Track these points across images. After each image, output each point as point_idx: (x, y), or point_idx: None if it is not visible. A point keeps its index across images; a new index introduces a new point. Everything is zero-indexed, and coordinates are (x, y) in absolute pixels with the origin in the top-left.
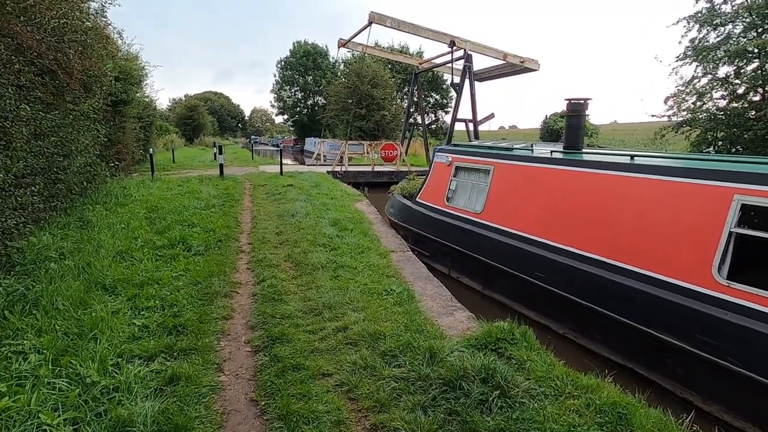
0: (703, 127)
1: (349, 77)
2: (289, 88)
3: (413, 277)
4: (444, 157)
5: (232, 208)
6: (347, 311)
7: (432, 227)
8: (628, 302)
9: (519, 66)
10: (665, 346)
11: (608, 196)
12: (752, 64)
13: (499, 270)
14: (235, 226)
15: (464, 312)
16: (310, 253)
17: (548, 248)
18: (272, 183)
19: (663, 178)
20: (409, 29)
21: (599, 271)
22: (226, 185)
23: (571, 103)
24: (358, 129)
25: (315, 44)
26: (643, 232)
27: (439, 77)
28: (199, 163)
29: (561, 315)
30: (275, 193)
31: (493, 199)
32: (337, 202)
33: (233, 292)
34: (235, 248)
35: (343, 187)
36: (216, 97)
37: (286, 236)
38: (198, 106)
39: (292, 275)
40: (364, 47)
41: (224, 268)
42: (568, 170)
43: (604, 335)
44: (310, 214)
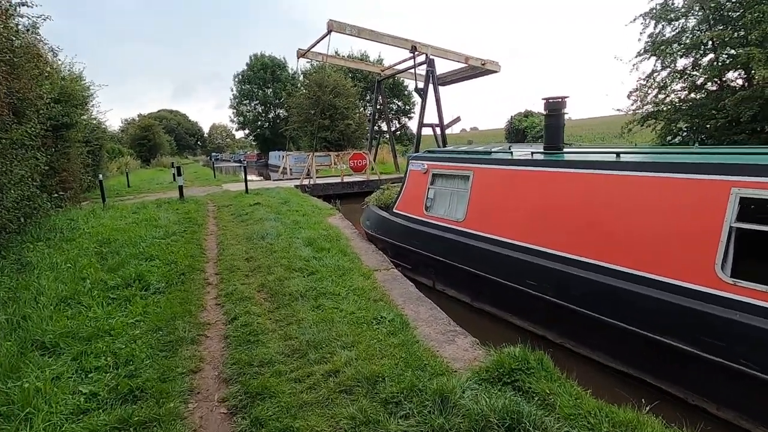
0: (666, 119)
1: (310, 88)
2: (248, 102)
3: (403, 299)
4: (419, 165)
5: (196, 234)
6: (336, 349)
7: (412, 238)
8: (628, 307)
9: (480, 68)
10: (671, 351)
11: (598, 196)
12: (708, 55)
13: (487, 280)
14: (200, 255)
15: (466, 337)
16: (287, 280)
17: (538, 254)
18: (238, 202)
19: (655, 174)
20: (369, 36)
21: (595, 275)
22: (187, 209)
23: (548, 102)
24: (323, 140)
25: (273, 56)
26: (639, 232)
27: (400, 84)
28: (156, 186)
29: (557, 324)
30: (242, 214)
31: (475, 206)
32: (310, 219)
33: (201, 336)
34: (201, 281)
35: (314, 202)
36: (172, 115)
37: (258, 262)
38: (153, 126)
39: (268, 308)
40: (324, 57)
41: (189, 307)
42: (554, 171)
43: (604, 343)
44: (282, 234)
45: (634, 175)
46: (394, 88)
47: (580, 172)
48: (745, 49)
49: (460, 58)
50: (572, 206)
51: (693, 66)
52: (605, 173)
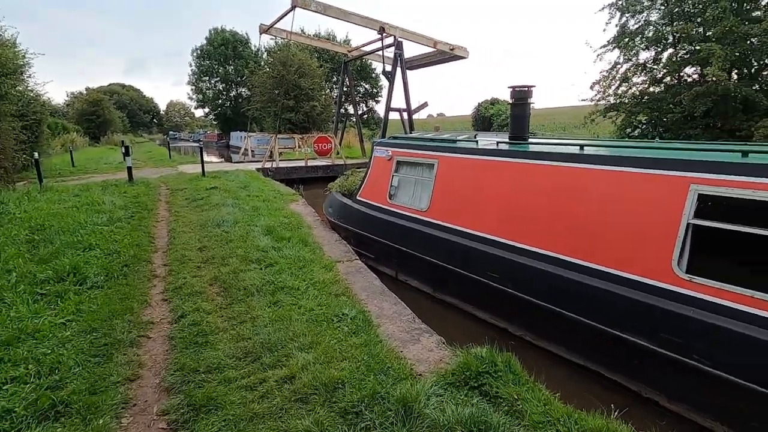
0: (627, 111)
1: (274, 66)
2: (208, 79)
3: (366, 294)
4: (384, 152)
5: (144, 220)
6: (293, 351)
7: (375, 227)
8: (586, 301)
9: (449, 53)
10: (626, 345)
11: (560, 189)
12: (668, 50)
13: (449, 271)
14: (148, 244)
15: (431, 336)
16: (242, 272)
17: (500, 246)
18: (193, 186)
19: (615, 168)
20: (336, 14)
21: (555, 268)
22: (136, 192)
23: (515, 91)
24: (287, 121)
25: (234, 32)
26: (599, 226)
27: (368, 66)
28: (105, 166)
29: (517, 316)
30: (197, 198)
31: (439, 196)
32: (270, 205)
33: (143, 337)
34: (147, 273)
35: (276, 186)
36: (124, 90)
37: (212, 252)
38: (102, 101)
39: (221, 304)
40: (288, 34)
41: (131, 304)
42: (516, 162)
43: (563, 336)
44: (239, 221)
45: (597, 168)
46: (362, 71)
47: (544, 164)
48: (706, 45)
49: (428, 42)
50: (534, 199)
51: (654, 60)
52: (568, 166)
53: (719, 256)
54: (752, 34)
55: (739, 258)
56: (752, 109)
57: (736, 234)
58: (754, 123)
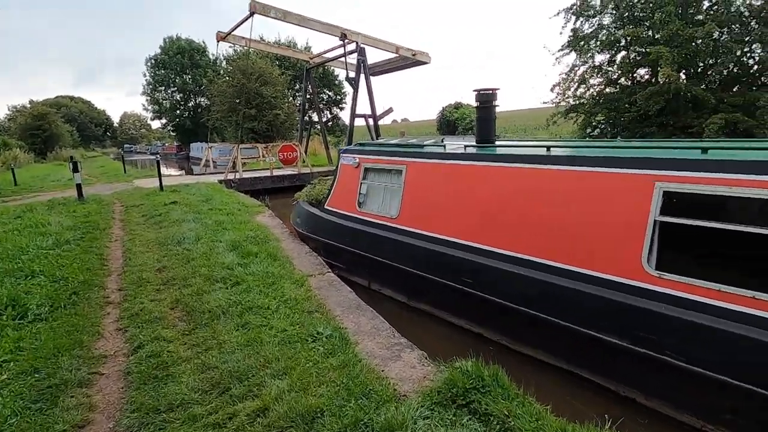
0: (586, 112)
1: (234, 75)
2: (164, 89)
3: (341, 309)
4: (350, 159)
5: (96, 241)
6: (265, 379)
7: (345, 236)
8: (560, 302)
9: (411, 59)
10: (603, 345)
11: (527, 191)
12: (621, 52)
13: (422, 278)
14: (100, 267)
15: (413, 351)
16: (206, 293)
17: (471, 250)
18: (150, 201)
19: (583, 168)
20: (296, 20)
21: (528, 271)
22: (87, 210)
23: (479, 94)
24: (249, 130)
25: (190, 40)
26: (568, 226)
27: (330, 73)
28: (52, 183)
29: (492, 321)
30: (155, 215)
31: (409, 202)
32: (235, 218)
33: (94, 374)
34: (100, 300)
35: (240, 198)
36: (72, 102)
37: (172, 272)
38: (48, 114)
39: (183, 330)
40: (247, 41)
41: (80, 336)
42: (484, 166)
43: (540, 339)
44: (202, 237)
45: (564, 169)
46: (324, 78)
47: (512, 167)
48: (655, 48)
49: (390, 47)
50: (504, 201)
51: (608, 62)
52: (536, 167)
53: (686, 251)
54: (697, 36)
55: (706, 252)
56: (701, 106)
57: (701, 229)
58: (704, 120)
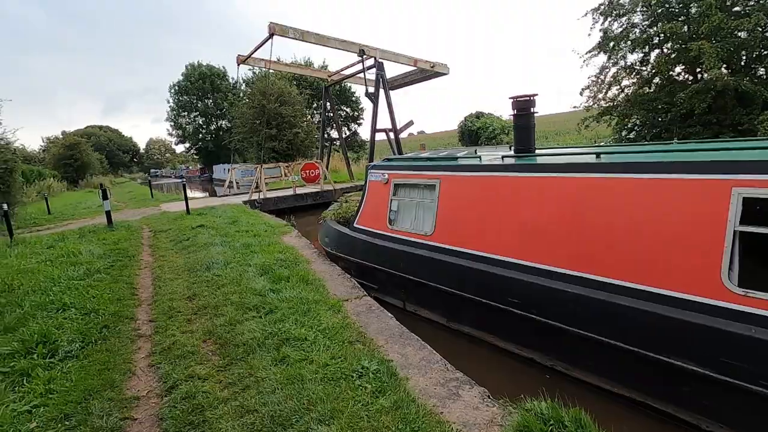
0: (620, 114)
1: (254, 96)
2: (187, 114)
3: (384, 338)
4: (379, 175)
5: (125, 269)
6: (311, 425)
7: (377, 256)
8: (626, 324)
9: (430, 71)
10: (680, 372)
11: (577, 202)
12: (655, 50)
13: (462, 299)
14: (130, 297)
15: (472, 388)
16: (239, 323)
17: (519, 268)
18: (178, 226)
19: (643, 176)
20: (314, 40)
21: (584, 290)
22: (116, 238)
23: (516, 101)
24: (270, 150)
25: (210, 65)
26: (629, 240)
27: (347, 90)
28: (84, 211)
29: (545, 344)
30: (182, 239)
31: (444, 218)
32: (263, 240)
33: (126, 419)
34: (130, 333)
35: (266, 219)
36: (101, 131)
37: (203, 300)
38: (79, 144)
39: (218, 366)
40: (266, 63)
41: (112, 376)
42: (527, 177)
43: (602, 365)
44: (230, 262)
45: (620, 177)
46: (341, 95)
47: (559, 177)
48: (696, 43)
49: (409, 61)
50: (554, 215)
51: (641, 62)
52: (586, 176)
53: None
54: (741, 28)
55: None
56: (750, 102)
57: None
58: (755, 116)
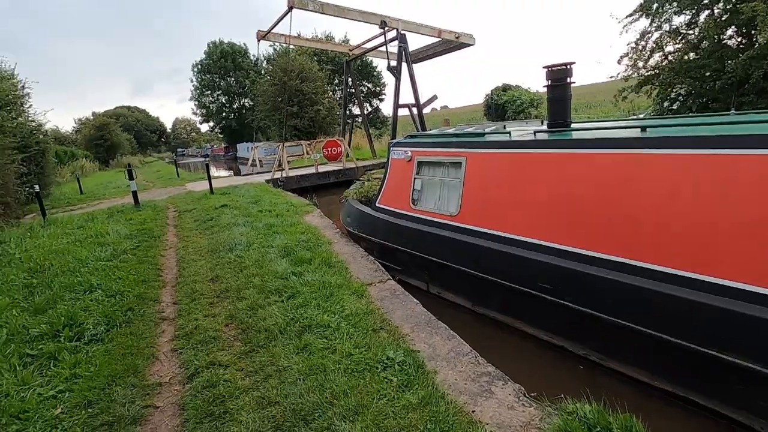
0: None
1: (275, 74)
2: (210, 93)
3: (410, 326)
4: (402, 153)
5: (151, 249)
6: (334, 421)
7: (400, 236)
8: (677, 316)
9: (454, 42)
10: (732, 369)
11: (620, 181)
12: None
13: (489, 282)
14: (155, 278)
15: (506, 384)
16: (261, 308)
17: (553, 252)
18: (202, 205)
19: (704, 151)
20: (334, 12)
21: (628, 277)
22: (142, 217)
23: (551, 71)
24: (292, 128)
25: (232, 43)
26: (691, 225)
27: (368, 64)
28: (113, 190)
29: (580, 333)
30: (206, 219)
31: (470, 198)
32: (285, 220)
33: (149, 407)
34: (154, 316)
35: (288, 198)
36: (129, 112)
37: (225, 283)
38: (109, 124)
39: (239, 353)
40: (286, 38)
41: (135, 361)
42: (563, 153)
43: (642, 356)
44: (253, 243)
45: (680, 153)
46: (363, 70)
47: (599, 153)
48: (750, 5)
49: (433, 32)
50: (593, 195)
51: (688, 25)
52: (636, 152)
53: None
54: None
55: None
56: None
57: None
58: None
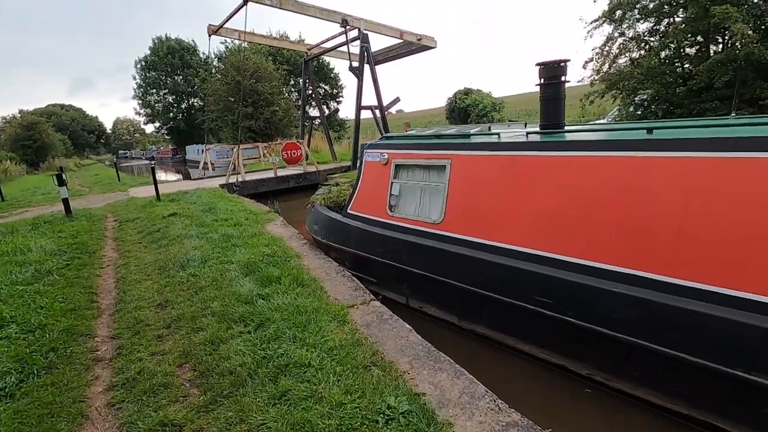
0: (628, 89)
1: (227, 72)
2: (156, 91)
3: (407, 359)
4: (377, 155)
5: (84, 268)
6: None
7: (375, 246)
8: (697, 333)
9: (416, 44)
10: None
11: (626, 187)
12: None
13: (478, 296)
14: (88, 306)
15: None
16: (223, 343)
17: (552, 263)
18: (147, 214)
19: (725, 154)
20: (293, 7)
21: (633, 290)
22: (75, 229)
23: (545, 68)
24: (247, 129)
25: (180, 40)
26: (710, 234)
27: (325, 66)
28: (41, 197)
29: (584, 352)
30: (152, 231)
31: (455, 204)
32: (244, 230)
33: None
34: (85, 357)
35: (246, 204)
36: (64, 110)
37: (177, 309)
38: (38, 123)
39: (197, 406)
40: (240, 33)
41: (57, 425)
42: (561, 156)
43: (655, 377)
44: (209, 258)
45: (697, 156)
46: (319, 71)
47: (605, 156)
48: (721, 8)
49: (394, 33)
50: (599, 201)
51: (650, 32)
52: (646, 156)
53: None
54: None
55: None
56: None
57: None
58: None
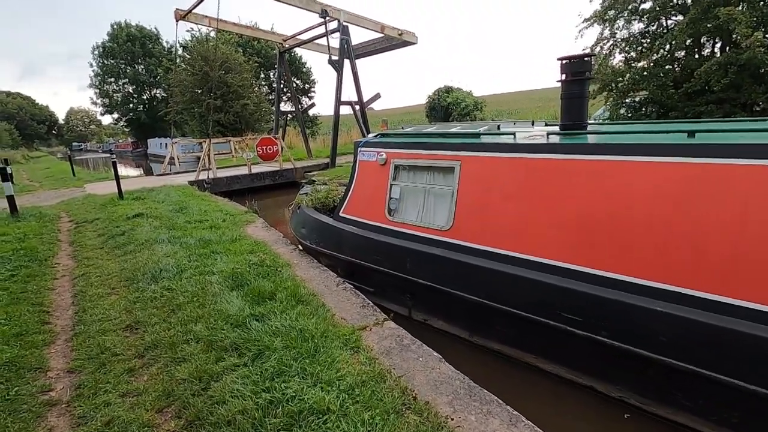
0: (622, 90)
1: (194, 62)
2: (114, 80)
3: (446, 399)
4: (374, 154)
5: (33, 280)
6: None
7: (374, 253)
8: (749, 357)
9: (397, 39)
10: None
11: (686, 195)
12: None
13: (494, 310)
14: (37, 329)
15: None
16: (213, 379)
17: (583, 278)
18: (108, 214)
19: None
20: None
21: (685, 310)
22: (21, 232)
23: (569, 64)
24: (215, 123)
25: (141, 26)
26: (746, 244)
27: (298, 60)
28: None
29: (619, 374)
30: (116, 234)
31: (466, 209)
32: (223, 234)
33: None
34: (34, 400)
35: (221, 204)
36: (9, 98)
37: (151, 333)
38: None
39: None
40: (210, 20)
41: None
42: (591, 160)
43: (695, 401)
44: (186, 268)
45: (742, 164)
46: (291, 65)
47: (637, 161)
48: (726, 9)
49: (375, 26)
50: (640, 211)
51: (642, 34)
52: (682, 161)
53: None
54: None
55: None
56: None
57: None
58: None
